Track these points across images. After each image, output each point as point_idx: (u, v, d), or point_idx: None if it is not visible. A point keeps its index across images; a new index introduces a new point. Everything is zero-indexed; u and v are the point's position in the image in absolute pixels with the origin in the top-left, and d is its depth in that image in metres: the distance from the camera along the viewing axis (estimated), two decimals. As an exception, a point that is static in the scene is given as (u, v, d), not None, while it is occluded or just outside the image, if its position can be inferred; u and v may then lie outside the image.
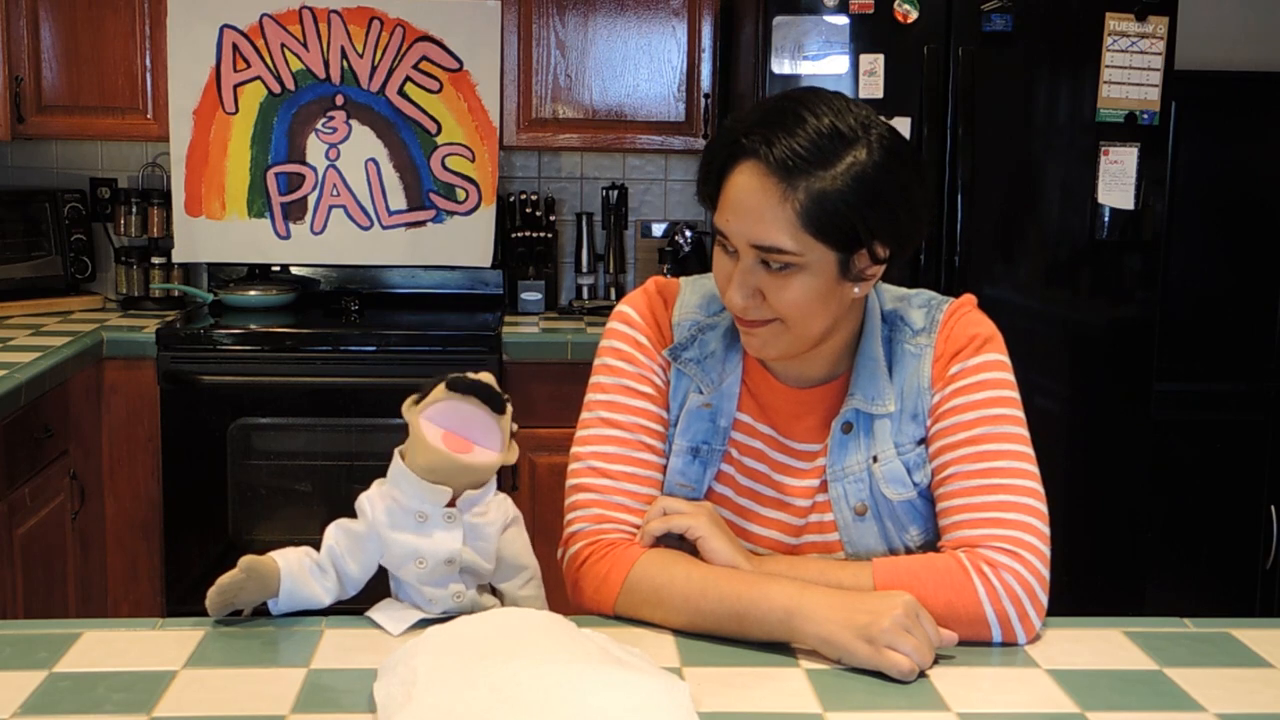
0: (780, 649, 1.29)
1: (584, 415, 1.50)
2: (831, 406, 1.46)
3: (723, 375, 1.46)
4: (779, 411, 1.47)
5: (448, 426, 1.31)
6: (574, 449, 1.49)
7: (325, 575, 1.37)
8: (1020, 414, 1.41)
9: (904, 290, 1.51)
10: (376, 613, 1.35)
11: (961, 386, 1.41)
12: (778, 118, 1.32)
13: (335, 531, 1.38)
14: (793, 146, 1.29)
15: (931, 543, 1.45)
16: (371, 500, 1.35)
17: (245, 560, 1.35)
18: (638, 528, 1.42)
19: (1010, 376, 1.43)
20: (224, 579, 1.34)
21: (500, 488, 1.39)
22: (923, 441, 1.43)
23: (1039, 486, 1.38)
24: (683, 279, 1.54)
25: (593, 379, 1.51)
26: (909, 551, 1.44)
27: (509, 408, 1.34)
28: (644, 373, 1.48)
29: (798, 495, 1.46)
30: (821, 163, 1.29)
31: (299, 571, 1.36)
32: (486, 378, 1.33)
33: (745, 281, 1.35)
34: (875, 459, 1.42)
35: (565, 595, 1.45)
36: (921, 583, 1.31)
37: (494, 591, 1.41)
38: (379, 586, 1.39)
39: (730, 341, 1.47)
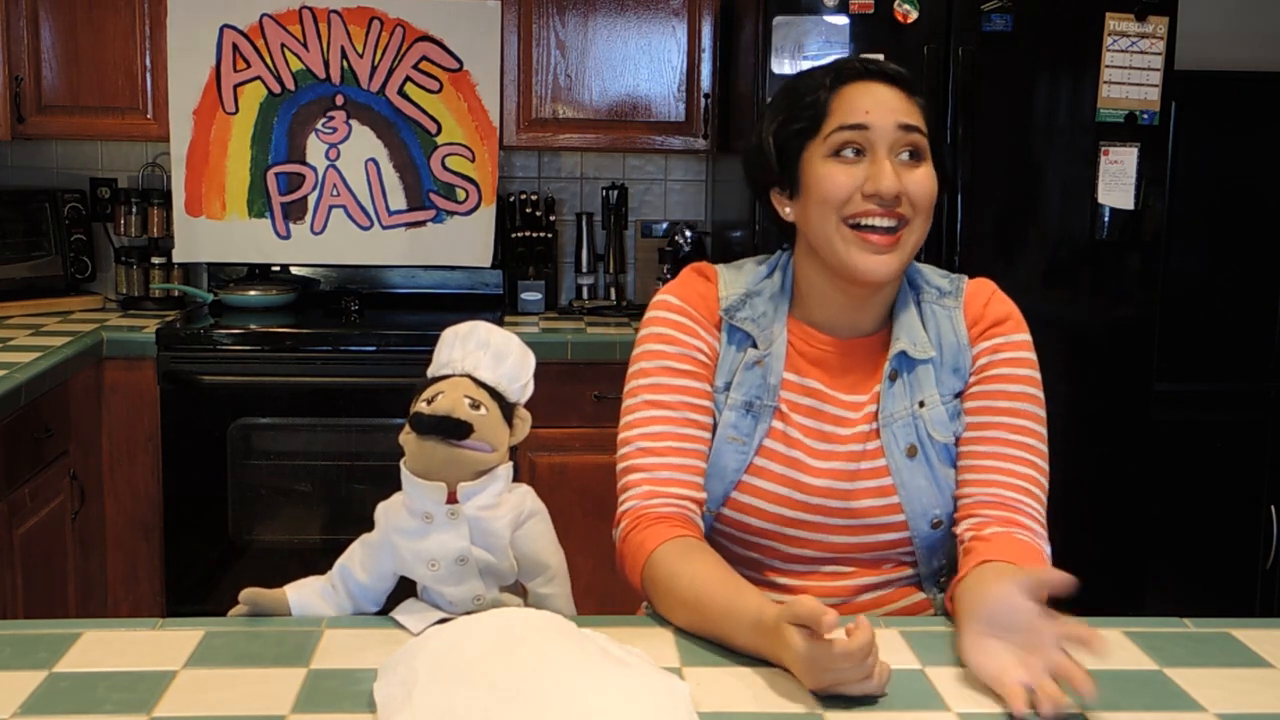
0: (780, 649, 1.29)
1: (627, 401, 1.54)
2: (874, 358, 1.54)
3: (774, 333, 1.54)
4: (825, 364, 1.54)
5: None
6: (621, 434, 1.53)
7: (335, 592, 1.40)
8: (1043, 396, 1.55)
9: (919, 263, 1.61)
10: (400, 613, 1.36)
11: (1012, 359, 1.52)
12: (875, 59, 1.53)
13: (353, 545, 1.41)
14: (898, 72, 1.51)
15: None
16: (385, 508, 1.36)
17: (245, 594, 1.38)
18: (686, 499, 1.48)
19: (1036, 359, 1.56)
20: (231, 615, 1.37)
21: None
22: (958, 395, 1.53)
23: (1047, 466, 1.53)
24: (719, 265, 1.62)
25: (633, 366, 1.56)
26: (952, 491, 1.52)
27: (495, 407, 1.33)
28: (686, 351, 1.53)
29: (849, 442, 1.52)
30: (914, 90, 1.52)
31: (309, 597, 1.39)
32: (448, 403, 1.30)
33: (894, 168, 1.46)
34: (922, 404, 1.51)
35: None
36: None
37: (522, 590, 1.41)
38: (407, 592, 1.40)
39: (776, 305, 1.55)
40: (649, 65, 3.43)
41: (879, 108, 1.47)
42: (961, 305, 1.54)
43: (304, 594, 1.39)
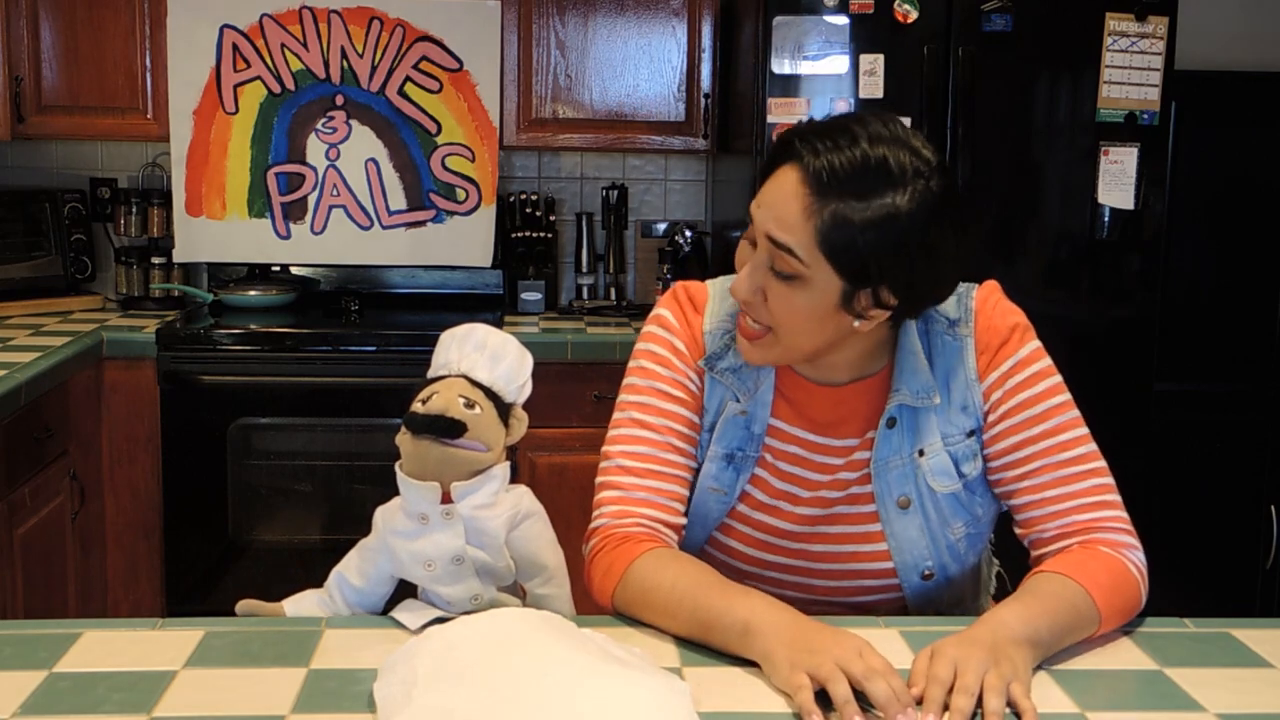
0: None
1: (616, 415, 1.50)
2: (871, 402, 1.45)
3: (757, 382, 1.47)
4: (816, 411, 1.47)
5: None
6: (604, 448, 1.49)
7: (332, 601, 1.40)
8: (1071, 397, 1.45)
9: None
10: (399, 611, 1.36)
11: (1024, 380, 1.43)
12: (834, 131, 1.30)
13: (349, 553, 1.41)
14: (833, 164, 1.27)
15: (976, 535, 1.47)
16: (383, 511, 1.37)
17: (242, 606, 1.39)
18: (659, 521, 1.43)
19: (1052, 362, 1.46)
20: None
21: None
22: (972, 434, 1.44)
23: (1104, 463, 1.44)
24: (709, 284, 1.54)
25: (626, 380, 1.51)
26: (950, 545, 1.45)
27: (489, 408, 1.33)
28: (678, 377, 1.48)
29: (832, 488, 1.46)
30: (856, 192, 1.27)
31: (306, 608, 1.40)
32: (443, 403, 1.31)
33: (754, 274, 1.35)
34: (921, 452, 1.43)
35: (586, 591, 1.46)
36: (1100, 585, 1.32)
37: (521, 592, 1.41)
38: (404, 597, 1.40)
39: None
40: (649, 65, 3.43)
41: (767, 209, 1.32)
42: (973, 332, 1.44)
43: (301, 606, 1.40)
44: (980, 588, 1.63)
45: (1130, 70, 2.96)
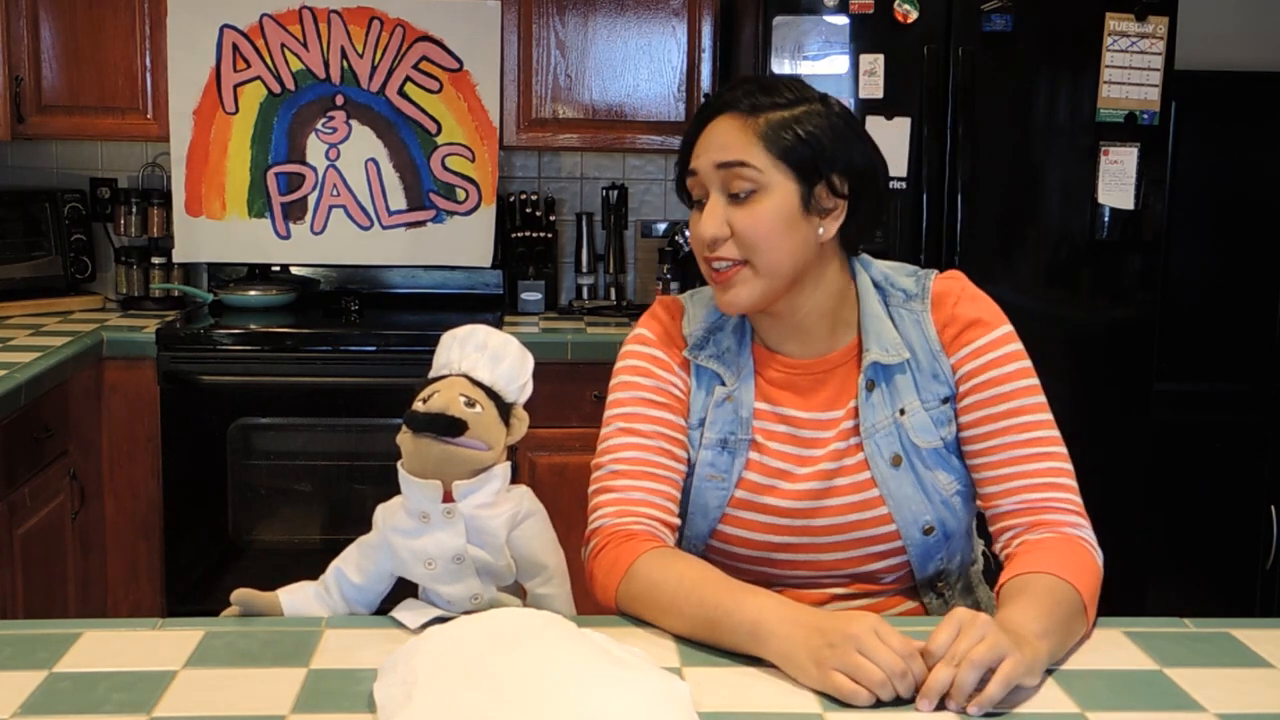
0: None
1: (604, 430, 1.54)
2: (845, 374, 1.52)
3: (739, 368, 1.53)
4: (795, 387, 1.53)
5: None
6: (595, 459, 1.53)
7: (329, 595, 1.40)
8: (1039, 382, 1.51)
9: (888, 263, 1.59)
10: (399, 611, 1.36)
11: (996, 358, 1.49)
12: (746, 82, 1.49)
13: (348, 548, 1.41)
14: (756, 99, 1.45)
15: (967, 494, 1.52)
16: (384, 509, 1.37)
17: (238, 595, 1.38)
18: (657, 520, 1.46)
19: (1023, 347, 1.52)
20: (223, 615, 1.37)
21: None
22: (947, 400, 1.50)
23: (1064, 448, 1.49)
24: (684, 295, 1.62)
25: (610, 396, 1.56)
26: (944, 501, 1.50)
27: (489, 406, 1.34)
28: (661, 385, 1.53)
29: (825, 460, 1.51)
30: (784, 105, 1.44)
31: (302, 600, 1.39)
32: (443, 401, 1.31)
33: (714, 212, 1.44)
34: (902, 411, 1.49)
35: (587, 591, 1.46)
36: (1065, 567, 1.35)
37: (522, 592, 1.41)
38: (401, 595, 1.40)
39: (740, 337, 1.55)
40: (649, 65, 3.43)
41: (707, 149, 1.45)
42: (929, 308, 1.52)
43: (297, 597, 1.39)
44: (974, 557, 1.67)
45: (1130, 70, 2.96)
